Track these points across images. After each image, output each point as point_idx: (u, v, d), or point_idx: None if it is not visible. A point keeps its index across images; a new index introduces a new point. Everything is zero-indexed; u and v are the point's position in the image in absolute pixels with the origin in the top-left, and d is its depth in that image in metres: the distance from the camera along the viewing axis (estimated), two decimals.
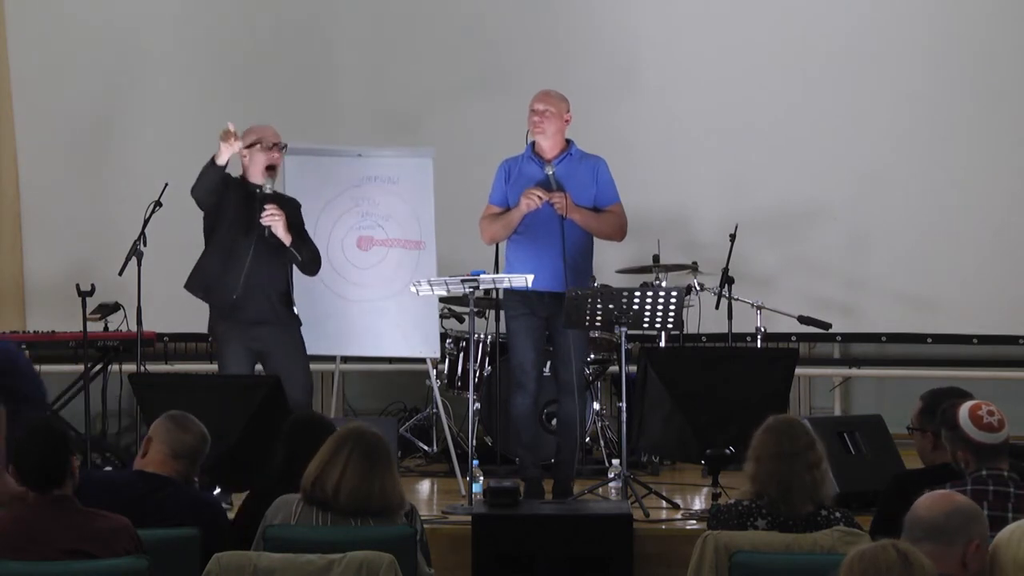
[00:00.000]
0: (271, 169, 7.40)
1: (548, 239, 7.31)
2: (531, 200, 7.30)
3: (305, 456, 4.83)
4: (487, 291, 8.00)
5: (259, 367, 7.39)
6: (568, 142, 7.49)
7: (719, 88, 9.45)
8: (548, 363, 7.79)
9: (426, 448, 8.74)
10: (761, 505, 4.80)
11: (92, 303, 7.92)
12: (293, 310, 7.41)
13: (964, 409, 4.71)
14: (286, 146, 7.49)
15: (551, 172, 7.36)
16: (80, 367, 8.20)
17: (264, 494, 5.04)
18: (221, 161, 7.16)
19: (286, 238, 7.31)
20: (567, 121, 7.47)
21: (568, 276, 7.28)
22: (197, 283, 7.38)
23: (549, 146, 7.45)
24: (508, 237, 7.48)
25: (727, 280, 8.56)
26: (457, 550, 6.37)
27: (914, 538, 3.61)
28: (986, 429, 4.67)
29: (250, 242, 7.30)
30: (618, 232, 7.55)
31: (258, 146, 7.38)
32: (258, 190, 7.34)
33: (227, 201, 7.31)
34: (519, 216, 7.36)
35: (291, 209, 7.44)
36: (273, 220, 7.28)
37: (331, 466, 4.72)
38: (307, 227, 7.79)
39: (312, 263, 7.48)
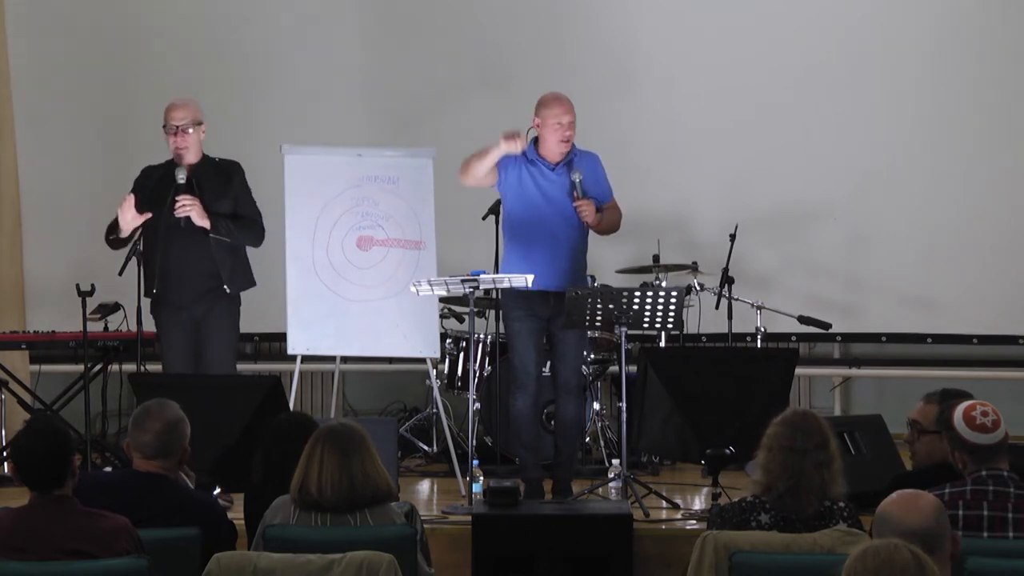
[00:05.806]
0: (180, 151, 7.46)
1: (546, 240, 7.33)
2: (512, 142, 7.22)
3: (291, 458, 4.87)
4: (487, 291, 8.00)
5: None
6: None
7: (719, 88, 9.44)
8: (548, 363, 7.79)
9: (426, 448, 8.74)
10: (766, 500, 4.81)
11: (92, 303, 7.90)
12: (224, 288, 7.48)
13: (959, 410, 4.72)
14: (200, 123, 7.50)
15: (578, 180, 7.32)
16: (80, 367, 8.19)
17: (255, 498, 5.09)
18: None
19: (205, 223, 7.39)
20: None
21: (567, 276, 7.29)
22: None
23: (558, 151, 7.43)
24: (480, 179, 7.37)
25: (727, 280, 8.55)
26: (457, 550, 6.38)
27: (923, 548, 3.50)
28: (979, 430, 4.67)
29: (162, 232, 7.41)
30: (618, 226, 7.56)
31: (165, 127, 7.50)
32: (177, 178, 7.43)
33: (147, 194, 7.45)
34: (497, 155, 7.28)
35: (223, 179, 7.48)
36: (184, 211, 7.38)
37: (310, 468, 4.76)
38: (307, 227, 7.83)
39: (249, 236, 7.55)
